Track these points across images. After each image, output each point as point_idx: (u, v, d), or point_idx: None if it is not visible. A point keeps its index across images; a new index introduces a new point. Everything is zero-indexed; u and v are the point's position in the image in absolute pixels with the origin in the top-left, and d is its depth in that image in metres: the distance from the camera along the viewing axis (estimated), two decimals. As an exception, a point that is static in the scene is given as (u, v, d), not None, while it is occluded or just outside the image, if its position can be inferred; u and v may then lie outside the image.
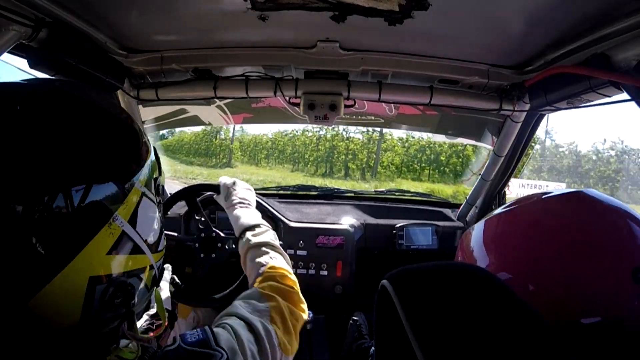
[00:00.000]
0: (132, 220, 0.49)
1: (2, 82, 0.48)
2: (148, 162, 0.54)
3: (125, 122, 0.53)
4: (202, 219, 1.21)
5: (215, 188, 1.16)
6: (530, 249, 0.54)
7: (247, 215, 0.96)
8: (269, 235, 0.90)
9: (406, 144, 13.01)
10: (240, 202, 1.01)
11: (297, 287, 0.74)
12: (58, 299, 0.43)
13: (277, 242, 0.89)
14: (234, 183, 1.08)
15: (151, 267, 0.55)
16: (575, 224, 0.53)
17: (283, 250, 0.87)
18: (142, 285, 0.53)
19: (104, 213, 0.45)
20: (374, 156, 13.31)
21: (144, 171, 0.52)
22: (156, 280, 0.60)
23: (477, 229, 0.65)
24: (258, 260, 0.81)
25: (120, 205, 0.47)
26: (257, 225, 0.92)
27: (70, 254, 0.43)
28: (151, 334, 0.73)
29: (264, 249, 0.84)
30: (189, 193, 1.26)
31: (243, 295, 0.68)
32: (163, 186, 0.61)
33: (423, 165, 12.97)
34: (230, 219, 0.99)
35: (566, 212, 0.56)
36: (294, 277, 0.76)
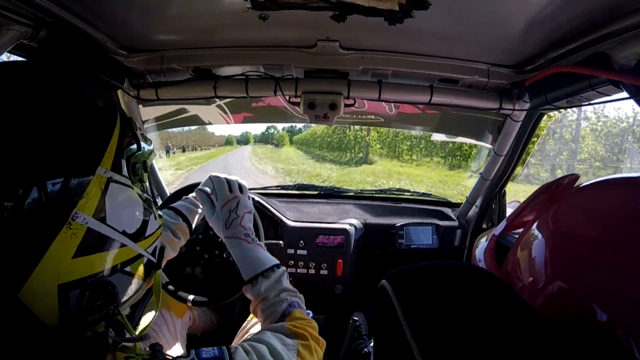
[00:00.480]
0: (99, 213, 0.43)
1: None
2: (114, 142, 0.46)
3: (77, 100, 0.45)
4: (202, 218, 1.22)
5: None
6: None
7: (258, 255, 0.80)
8: (285, 278, 0.79)
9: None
10: (245, 234, 0.82)
11: (317, 332, 0.69)
12: (34, 304, 0.40)
13: (289, 284, 0.79)
14: (237, 204, 0.84)
15: (138, 256, 0.50)
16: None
17: (298, 293, 0.78)
18: (129, 277, 0.49)
19: (59, 213, 0.40)
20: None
21: (109, 154, 0.45)
22: (154, 264, 0.56)
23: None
24: (277, 308, 0.72)
25: (80, 200, 0.41)
26: (272, 269, 0.78)
27: (30, 263, 0.38)
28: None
29: (282, 296, 0.74)
30: (188, 191, 1.26)
31: (271, 328, 0.65)
32: (144, 162, 0.54)
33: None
34: (233, 254, 0.81)
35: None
36: (315, 325, 0.70)
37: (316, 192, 1.81)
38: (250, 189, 1.76)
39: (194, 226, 0.96)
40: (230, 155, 29.66)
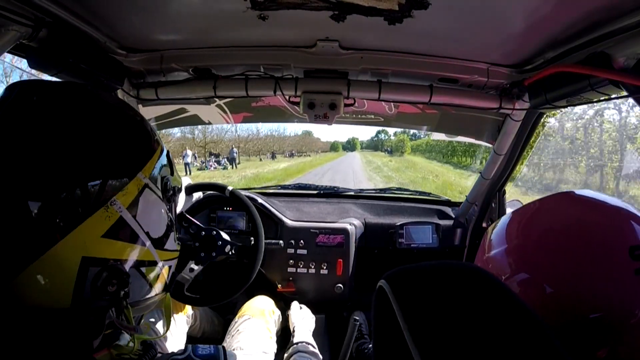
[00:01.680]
0: (132, 208, 0.50)
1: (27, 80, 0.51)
2: (155, 158, 0.56)
3: (132, 120, 0.56)
4: (194, 222, 1.21)
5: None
6: (544, 251, 0.55)
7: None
8: None
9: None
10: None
11: None
12: (49, 276, 0.43)
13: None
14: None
15: (154, 262, 0.54)
16: (574, 224, 0.54)
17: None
18: (142, 279, 0.53)
19: (102, 196, 0.46)
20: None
21: (150, 165, 0.54)
22: (166, 286, 0.60)
23: (501, 224, 0.66)
24: None
25: (120, 192, 0.48)
26: None
27: (63, 230, 0.43)
28: None
29: None
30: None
31: None
32: (175, 187, 0.62)
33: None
34: None
35: (566, 214, 0.57)
36: None
37: (316, 192, 1.81)
38: (249, 189, 1.76)
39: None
40: (334, 165, 26.76)
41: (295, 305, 1.32)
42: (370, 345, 1.17)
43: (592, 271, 0.49)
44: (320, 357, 0.92)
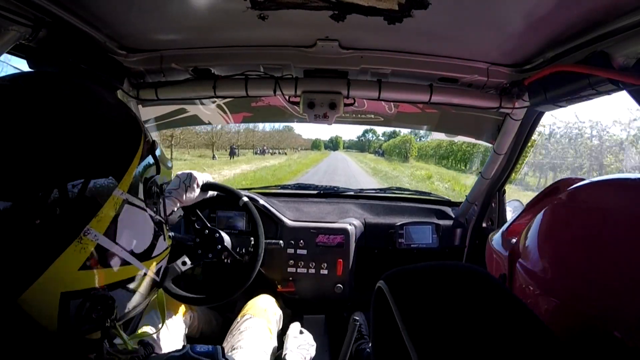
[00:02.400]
0: (110, 232, 0.45)
1: None
2: (135, 164, 0.49)
3: (105, 121, 0.47)
4: (202, 218, 1.22)
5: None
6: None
7: None
8: None
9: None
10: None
11: None
12: (32, 309, 0.41)
13: None
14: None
15: (142, 275, 0.52)
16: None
17: None
18: (132, 295, 0.51)
19: (72, 227, 0.41)
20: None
21: (128, 176, 0.47)
22: (157, 283, 0.58)
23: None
24: None
25: (93, 218, 0.43)
26: None
27: (38, 269, 0.40)
28: None
29: None
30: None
31: None
32: (161, 185, 0.56)
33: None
34: None
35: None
36: None
37: (316, 192, 1.81)
38: (249, 189, 1.76)
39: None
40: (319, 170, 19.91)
41: (294, 328, 1.18)
42: (370, 346, 1.17)
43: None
44: None
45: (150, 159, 0.53)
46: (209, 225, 1.21)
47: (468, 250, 1.56)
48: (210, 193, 1.24)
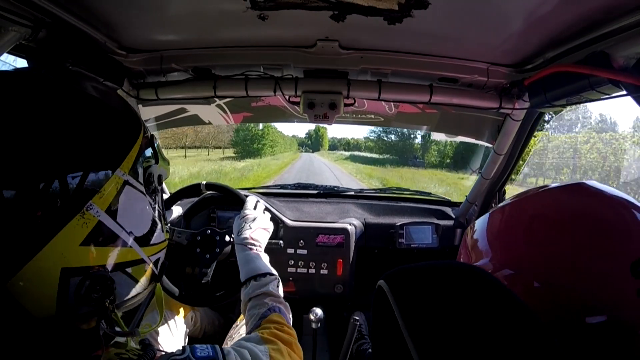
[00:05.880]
0: (112, 210, 0.47)
1: None
2: (136, 149, 0.51)
3: (109, 108, 0.51)
4: (202, 218, 1.22)
5: (238, 200, 1.18)
6: (535, 243, 0.52)
7: (255, 262, 0.94)
8: (273, 285, 0.87)
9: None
10: (251, 244, 0.98)
11: (295, 338, 0.73)
12: (32, 286, 0.42)
13: (280, 292, 0.88)
14: (254, 219, 1.05)
15: (141, 260, 0.52)
16: (581, 217, 0.51)
17: (284, 301, 0.86)
18: (128, 279, 0.51)
19: (76, 202, 0.43)
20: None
21: (130, 159, 0.49)
22: (155, 276, 0.58)
23: (480, 224, 0.64)
24: (258, 310, 0.79)
25: (96, 194, 0.45)
26: (263, 275, 0.89)
27: (39, 242, 0.41)
28: None
29: (265, 300, 0.82)
30: (190, 192, 1.27)
31: (243, 338, 0.68)
32: (160, 176, 0.58)
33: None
34: (238, 258, 0.97)
35: (570, 204, 0.54)
36: (292, 331, 0.75)
37: (316, 192, 1.81)
38: (249, 189, 1.76)
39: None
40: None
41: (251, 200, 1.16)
42: (370, 345, 1.17)
43: (592, 270, 0.46)
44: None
45: (149, 151, 0.56)
46: (195, 231, 1.20)
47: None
48: (176, 209, 1.26)
